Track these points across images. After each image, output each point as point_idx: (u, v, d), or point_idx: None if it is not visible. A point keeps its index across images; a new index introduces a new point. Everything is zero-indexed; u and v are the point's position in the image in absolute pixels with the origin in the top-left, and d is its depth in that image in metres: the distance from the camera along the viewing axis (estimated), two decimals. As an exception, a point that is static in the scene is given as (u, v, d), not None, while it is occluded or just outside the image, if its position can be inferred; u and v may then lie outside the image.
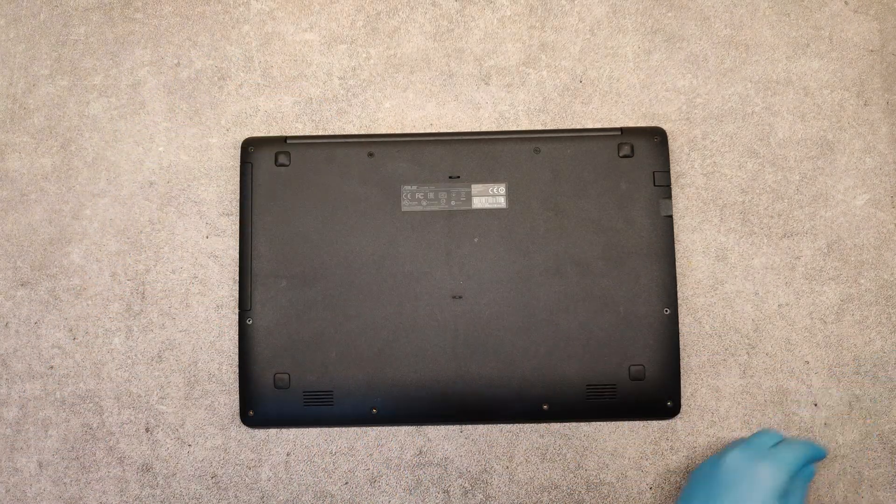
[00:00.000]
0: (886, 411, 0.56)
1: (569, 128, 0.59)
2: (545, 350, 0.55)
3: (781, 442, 0.51)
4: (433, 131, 0.59)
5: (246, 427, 0.57)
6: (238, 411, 0.56)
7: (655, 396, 0.55)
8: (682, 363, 0.56)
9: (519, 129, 0.59)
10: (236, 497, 0.56)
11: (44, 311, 0.58)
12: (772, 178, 0.58)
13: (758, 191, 0.58)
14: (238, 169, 0.59)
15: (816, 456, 0.51)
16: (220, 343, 0.57)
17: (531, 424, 0.56)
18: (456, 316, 0.56)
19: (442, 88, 0.60)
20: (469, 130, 0.59)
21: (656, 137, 0.58)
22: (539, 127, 0.59)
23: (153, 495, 0.56)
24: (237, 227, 0.58)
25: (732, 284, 0.57)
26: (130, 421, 0.57)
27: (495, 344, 0.55)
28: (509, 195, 0.57)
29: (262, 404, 0.56)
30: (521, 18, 0.61)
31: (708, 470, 0.51)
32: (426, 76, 0.60)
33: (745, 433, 0.56)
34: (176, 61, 0.61)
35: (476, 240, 0.56)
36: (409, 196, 0.57)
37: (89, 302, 0.58)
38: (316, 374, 0.55)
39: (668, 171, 0.57)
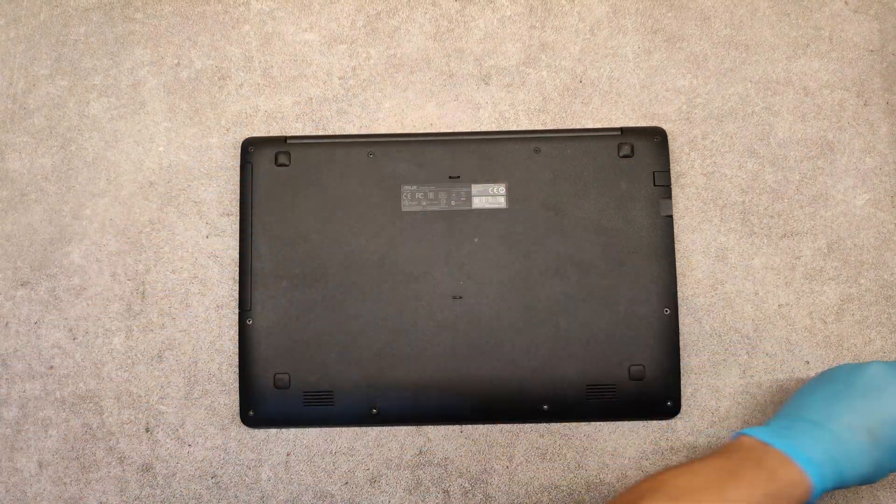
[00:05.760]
0: (886, 411, 0.56)
1: (569, 128, 0.59)
2: (545, 350, 0.55)
3: None
4: (433, 131, 0.59)
5: (246, 427, 0.57)
6: (238, 411, 0.56)
7: (655, 396, 0.55)
8: (682, 363, 0.56)
9: (519, 129, 0.59)
10: (236, 497, 0.56)
11: (44, 311, 0.58)
12: (772, 178, 0.58)
13: (758, 191, 0.58)
14: (238, 169, 0.59)
15: None
16: (220, 343, 0.57)
17: (531, 424, 0.56)
18: (456, 316, 0.56)
19: (442, 88, 0.60)
20: (469, 130, 0.59)
21: (656, 137, 0.58)
22: (539, 127, 0.59)
23: (153, 495, 0.56)
24: (237, 227, 0.58)
25: (732, 284, 0.57)
26: (130, 421, 0.57)
27: (495, 344, 0.55)
28: (509, 195, 0.57)
29: (262, 404, 0.56)
30: (521, 18, 0.61)
31: (844, 373, 0.49)
32: (426, 76, 0.60)
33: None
34: (176, 61, 0.61)
35: (476, 240, 0.56)
36: (409, 196, 0.57)
37: (89, 302, 0.58)
38: (316, 374, 0.55)
39: (668, 171, 0.57)
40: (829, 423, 0.45)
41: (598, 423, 0.56)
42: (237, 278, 0.57)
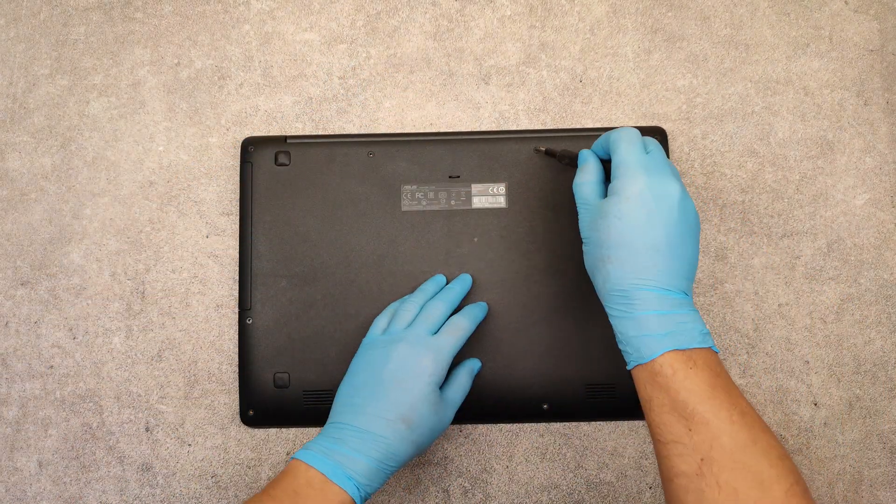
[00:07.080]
0: (886, 411, 0.56)
1: (569, 127, 0.59)
2: (545, 350, 0.55)
3: (444, 325, 0.52)
4: (433, 131, 0.59)
5: (246, 426, 0.57)
6: (238, 411, 0.56)
7: (655, 396, 0.55)
8: (682, 363, 0.56)
9: (519, 128, 0.59)
10: (236, 496, 0.56)
11: (44, 310, 0.58)
12: (772, 178, 0.58)
13: (758, 190, 0.58)
14: (238, 168, 0.59)
15: (479, 316, 0.53)
16: (220, 343, 0.57)
17: (531, 424, 0.56)
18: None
19: (442, 88, 0.60)
20: (469, 130, 0.59)
21: (656, 137, 0.58)
22: (539, 127, 0.59)
23: (153, 495, 0.56)
24: (237, 226, 0.58)
25: (732, 284, 0.57)
26: (130, 421, 0.57)
27: (495, 344, 0.55)
28: (509, 195, 0.57)
29: (261, 404, 0.56)
30: (521, 18, 0.61)
31: (373, 359, 0.50)
32: (426, 76, 0.60)
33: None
34: (176, 61, 0.61)
35: (476, 240, 0.56)
36: (409, 196, 0.57)
37: (89, 301, 0.58)
38: (316, 374, 0.55)
39: (668, 171, 0.57)
40: (372, 425, 0.47)
41: (597, 423, 0.56)
42: (237, 278, 0.57)
